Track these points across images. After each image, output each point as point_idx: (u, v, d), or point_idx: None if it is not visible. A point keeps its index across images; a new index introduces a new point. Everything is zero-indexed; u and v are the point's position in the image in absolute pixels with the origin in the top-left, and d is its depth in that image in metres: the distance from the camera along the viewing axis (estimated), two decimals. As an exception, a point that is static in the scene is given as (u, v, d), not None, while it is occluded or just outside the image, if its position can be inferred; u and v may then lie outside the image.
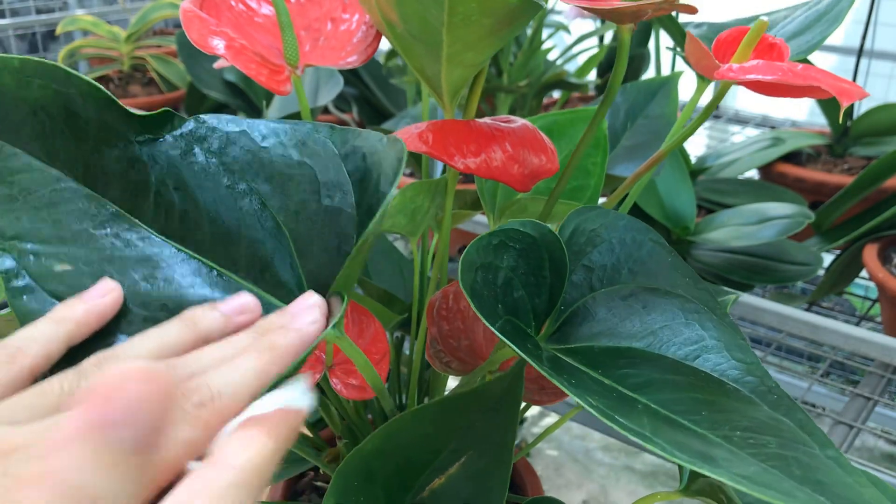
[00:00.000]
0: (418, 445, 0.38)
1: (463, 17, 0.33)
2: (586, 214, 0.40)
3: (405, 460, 0.38)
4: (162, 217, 0.36)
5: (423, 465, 0.39)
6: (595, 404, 0.28)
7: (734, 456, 0.28)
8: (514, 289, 0.35)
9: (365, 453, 0.37)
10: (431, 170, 0.99)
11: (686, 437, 0.28)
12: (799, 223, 0.92)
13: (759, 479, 0.26)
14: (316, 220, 0.36)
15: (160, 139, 0.36)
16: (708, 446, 0.28)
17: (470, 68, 0.37)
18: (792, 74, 0.34)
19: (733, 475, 0.26)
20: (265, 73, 0.42)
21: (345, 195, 0.35)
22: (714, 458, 0.27)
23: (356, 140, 0.36)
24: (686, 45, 0.37)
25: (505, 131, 0.39)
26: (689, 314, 0.36)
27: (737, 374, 0.34)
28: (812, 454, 0.29)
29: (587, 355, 0.35)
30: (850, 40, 1.46)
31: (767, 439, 0.29)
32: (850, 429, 0.77)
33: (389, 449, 0.38)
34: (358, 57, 0.43)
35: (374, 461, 0.37)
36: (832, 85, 0.34)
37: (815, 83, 0.33)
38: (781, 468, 0.28)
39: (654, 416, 0.30)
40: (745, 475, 0.26)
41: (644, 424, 0.28)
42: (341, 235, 0.35)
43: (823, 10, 0.47)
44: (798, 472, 0.28)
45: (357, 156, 0.36)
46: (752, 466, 0.27)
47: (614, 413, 0.28)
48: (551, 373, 0.29)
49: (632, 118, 0.77)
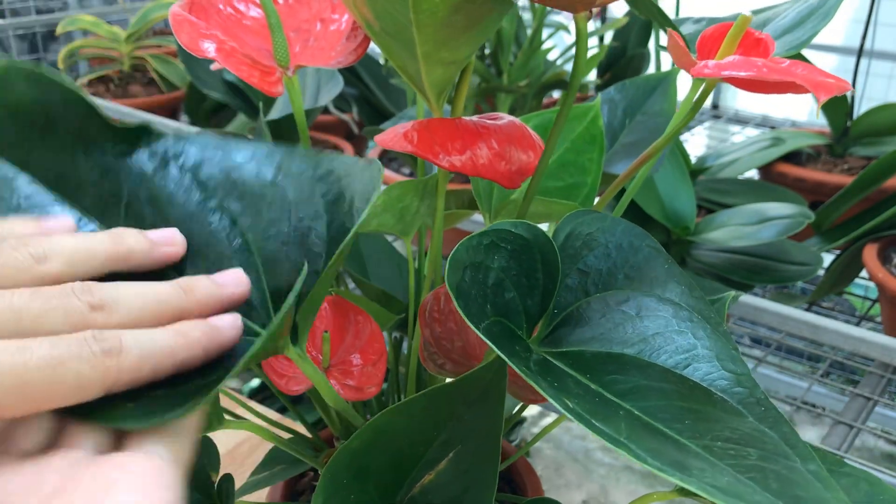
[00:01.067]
0: (408, 438, 0.38)
1: (429, 13, 0.32)
2: (582, 218, 0.40)
3: (396, 454, 0.38)
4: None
5: (414, 459, 0.39)
6: (572, 407, 0.28)
7: (710, 466, 0.28)
8: (505, 290, 0.35)
9: (354, 449, 0.37)
10: (429, 170, 0.98)
11: (663, 444, 0.28)
12: (799, 223, 0.92)
13: (732, 491, 0.26)
14: (286, 239, 0.36)
15: (136, 151, 0.36)
16: (684, 455, 0.28)
17: (450, 67, 0.37)
18: (767, 70, 0.34)
19: (704, 485, 0.26)
20: (257, 74, 0.42)
21: (316, 216, 0.36)
22: (688, 466, 0.27)
23: (331, 163, 0.36)
24: (668, 42, 0.37)
25: (491, 128, 0.39)
26: (683, 322, 0.36)
27: (725, 385, 0.33)
28: (793, 468, 0.29)
29: (578, 359, 0.35)
30: (850, 40, 1.46)
31: (749, 451, 0.29)
32: (850, 429, 0.77)
33: (380, 443, 0.38)
34: (347, 57, 0.43)
35: (364, 457, 0.37)
36: (809, 80, 0.33)
37: (791, 78, 0.33)
38: (758, 480, 0.27)
39: (634, 422, 0.29)
40: (716, 485, 0.26)
41: (621, 430, 0.28)
42: (311, 255, 0.35)
43: (815, 6, 0.47)
44: (775, 485, 0.27)
45: (331, 178, 0.36)
46: (726, 477, 0.27)
47: (591, 417, 0.28)
48: (533, 375, 0.29)
49: (630, 115, 0.77)
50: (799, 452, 0.30)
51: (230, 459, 0.74)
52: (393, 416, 0.37)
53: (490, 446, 0.37)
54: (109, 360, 0.28)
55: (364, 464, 0.37)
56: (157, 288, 0.32)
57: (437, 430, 0.38)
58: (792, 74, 0.33)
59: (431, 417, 0.38)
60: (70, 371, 0.27)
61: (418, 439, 0.38)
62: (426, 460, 0.38)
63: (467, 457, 0.38)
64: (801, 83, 0.33)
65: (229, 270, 0.34)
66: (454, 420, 0.38)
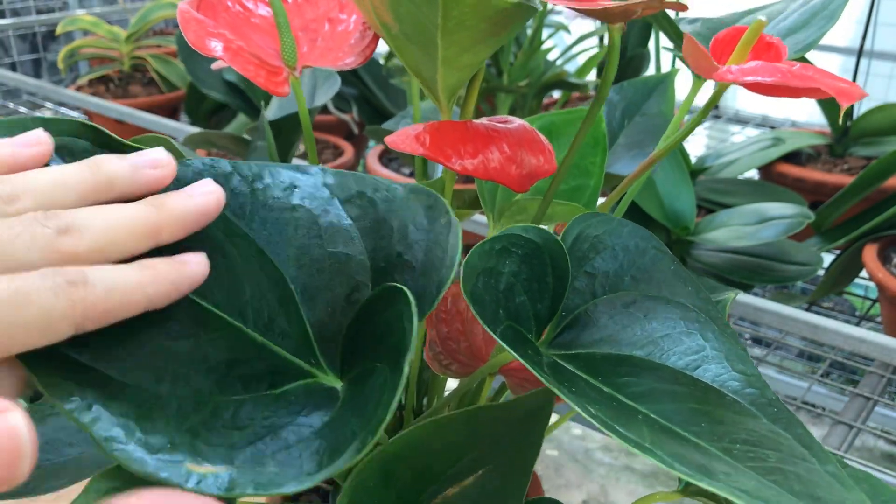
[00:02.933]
0: (440, 453, 0.37)
1: (457, 21, 0.32)
2: (590, 220, 0.40)
3: (424, 467, 0.38)
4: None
5: (440, 473, 0.38)
6: (596, 414, 0.28)
7: (734, 469, 0.28)
8: (516, 294, 0.35)
9: (385, 456, 0.37)
10: (432, 171, 0.98)
11: (686, 448, 0.28)
12: (799, 223, 0.92)
13: (759, 494, 0.26)
14: (322, 267, 0.34)
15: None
16: (708, 459, 0.28)
17: (466, 70, 0.37)
18: (791, 76, 0.34)
19: (733, 489, 0.26)
20: (263, 74, 0.42)
21: (351, 241, 0.34)
22: (713, 471, 0.27)
23: (359, 185, 0.35)
24: (684, 45, 0.37)
25: (502, 132, 0.39)
26: (691, 323, 0.36)
27: (737, 386, 0.33)
28: (812, 469, 0.29)
29: (588, 362, 0.35)
30: (850, 40, 1.46)
31: (767, 453, 0.29)
32: (850, 429, 0.77)
33: (410, 455, 0.37)
34: (356, 58, 0.43)
35: (393, 465, 0.37)
36: (831, 86, 0.34)
37: (814, 84, 0.33)
38: (781, 483, 0.27)
39: (653, 426, 0.29)
40: (744, 489, 0.26)
41: (644, 435, 0.28)
42: (352, 284, 0.34)
43: (819, 7, 0.47)
44: (797, 487, 0.27)
45: (362, 201, 0.35)
46: (751, 480, 0.27)
47: (615, 423, 0.28)
48: (551, 380, 0.29)
49: (628, 116, 0.77)
50: (815, 453, 0.30)
51: (233, 459, 0.74)
52: (430, 428, 0.37)
53: (521, 471, 0.37)
54: (75, 290, 0.26)
55: (392, 470, 0.37)
56: (128, 206, 0.30)
57: (472, 448, 0.38)
58: (814, 80, 0.33)
59: (470, 435, 0.37)
60: (34, 304, 0.25)
61: (450, 454, 0.38)
62: (453, 473, 0.38)
63: (496, 478, 0.37)
64: (825, 89, 0.33)
65: (198, 182, 0.32)
66: (491, 440, 0.38)
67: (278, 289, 0.34)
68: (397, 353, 0.28)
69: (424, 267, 0.33)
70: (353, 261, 0.34)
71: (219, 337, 0.32)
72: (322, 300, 0.34)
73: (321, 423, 0.29)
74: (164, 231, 0.30)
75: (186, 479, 0.26)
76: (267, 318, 0.33)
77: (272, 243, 0.34)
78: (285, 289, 0.34)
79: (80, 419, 0.26)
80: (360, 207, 0.35)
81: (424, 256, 0.33)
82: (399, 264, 0.34)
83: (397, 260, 0.34)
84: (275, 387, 0.32)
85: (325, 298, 0.34)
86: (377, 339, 0.31)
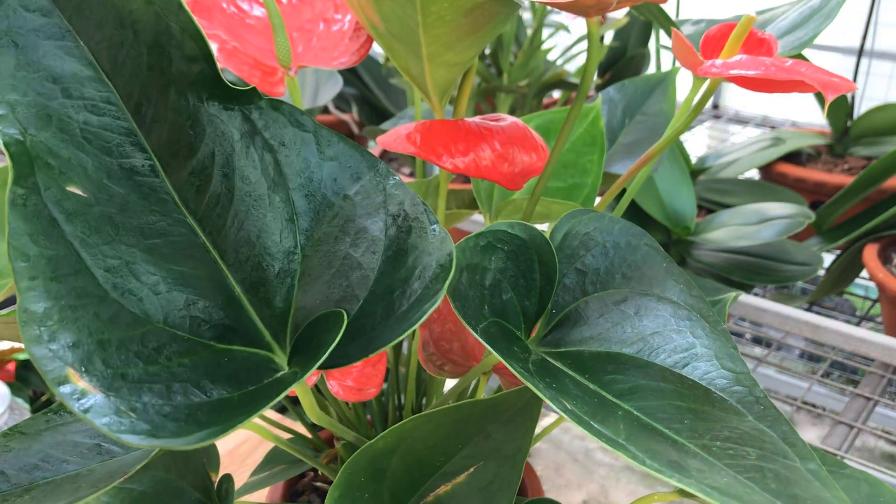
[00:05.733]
0: (430, 448, 0.38)
1: (437, 17, 0.32)
2: (580, 217, 0.40)
3: (415, 462, 0.38)
4: (192, 189, 0.33)
5: (432, 469, 0.38)
6: (570, 409, 0.28)
7: (709, 466, 0.28)
8: (502, 291, 0.35)
9: (376, 450, 0.37)
10: (429, 170, 0.98)
11: (662, 445, 0.28)
12: (799, 223, 0.92)
13: (731, 491, 0.26)
14: (333, 261, 0.34)
15: (232, 110, 0.34)
16: (683, 455, 0.28)
17: (454, 68, 0.37)
18: (776, 69, 0.34)
19: (703, 486, 0.26)
20: (258, 74, 0.42)
21: (372, 253, 0.34)
22: (686, 467, 0.27)
23: (411, 207, 0.34)
24: (672, 42, 0.37)
25: (494, 130, 0.39)
26: (681, 321, 0.36)
27: (725, 384, 0.33)
28: (792, 467, 0.29)
29: (576, 359, 0.35)
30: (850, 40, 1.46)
31: (748, 450, 0.29)
32: (850, 429, 0.77)
33: (401, 449, 0.37)
34: (350, 57, 0.43)
35: (383, 459, 0.37)
36: (817, 79, 0.33)
37: (798, 77, 0.33)
38: (757, 480, 0.27)
39: (632, 423, 0.29)
40: (715, 486, 0.26)
41: (620, 431, 0.28)
42: (346, 290, 0.33)
43: (817, 7, 0.47)
44: (774, 485, 0.27)
45: (403, 223, 0.34)
46: (725, 478, 0.27)
47: (590, 419, 0.28)
48: (530, 376, 0.29)
49: (629, 115, 0.77)
50: (798, 451, 0.30)
51: (230, 459, 0.74)
52: (419, 423, 0.37)
53: (513, 468, 0.37)
54: None
55: (382, 466, 0.37)
56: None
57: (462, 444, 0.38)
58: (799, 73, 0.33)
59: (459, 430, 0.37)
60: None
61: (441, 449, 0.38)
62: (445, 471, 0.38)
63: (488, 474, 0.37)
64: (809, 82, 0.33)
65: None
66: (482, 436, 0.38)
67: (285, 261, 0.34)
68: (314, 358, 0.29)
69: (396, 310, 0.32)
70: (360, 271, 0.34)
71: (200, 267, 0.32)
72: (315, 292, 0.34)
73: (218, 397, 0.29)
74: None
75: (59, 382, 0.26)
76: (258, 280, 0.33)
77: (303, 215, 0.34)
78: (291, 263, 0.34)
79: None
80: (397, 229, 0.34)
81: (406, 302, 0.32)
82: (388, 300, 0.33)
83: (387, 295, 0.33)
84: (221, 341, 0.31)
85: (318, 292, 0.34)
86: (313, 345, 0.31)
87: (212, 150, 0.33)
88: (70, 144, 0.30)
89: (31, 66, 0.30)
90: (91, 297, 0.28)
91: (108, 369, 0.27)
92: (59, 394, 0.26)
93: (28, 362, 1.21)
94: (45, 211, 0.29)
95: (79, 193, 0.30)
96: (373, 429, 0.56)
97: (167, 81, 0.33)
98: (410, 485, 0.38)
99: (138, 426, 0.26)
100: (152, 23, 0.32)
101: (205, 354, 0.30)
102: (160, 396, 0.28)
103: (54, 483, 0.36)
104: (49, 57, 0.31)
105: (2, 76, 0.30)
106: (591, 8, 0.35)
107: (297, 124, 0.35)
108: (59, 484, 0.36)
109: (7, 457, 0.37)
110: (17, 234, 0.28)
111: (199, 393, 0.28)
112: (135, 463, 0.34)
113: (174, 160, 0.33)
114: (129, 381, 0.27)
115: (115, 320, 0.29)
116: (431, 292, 0.31)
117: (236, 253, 0.33)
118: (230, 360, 0.31)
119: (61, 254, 0.28)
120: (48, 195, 0.29)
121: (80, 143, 0.31)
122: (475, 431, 0.37)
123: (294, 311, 0.33)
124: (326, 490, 0.56)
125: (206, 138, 0.33)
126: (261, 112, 0.34)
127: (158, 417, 0.27)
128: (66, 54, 0.31)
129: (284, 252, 0.34)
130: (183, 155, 0.33)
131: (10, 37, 0.30)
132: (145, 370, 0.28)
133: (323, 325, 0.31)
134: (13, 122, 0.29)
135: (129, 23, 0.32)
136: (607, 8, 0.35)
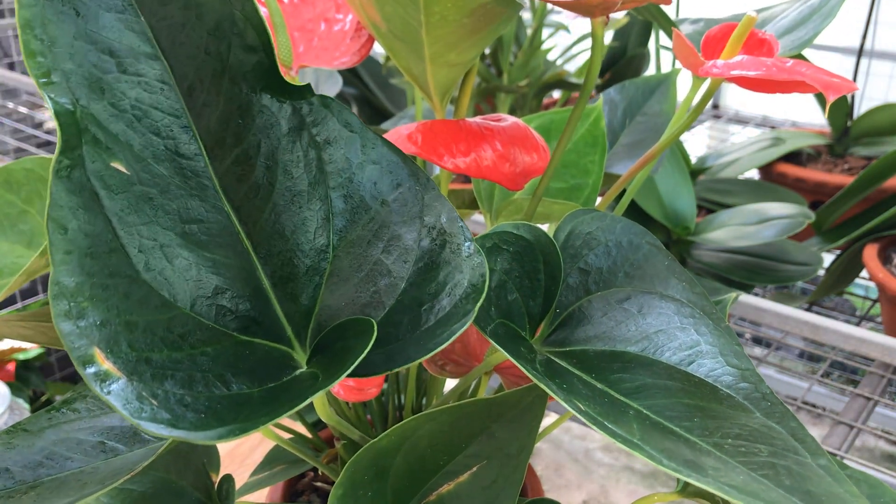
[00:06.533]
0: (433, 447, 0.37)
1: (440, 17, 0.32)
2: (582, 217, 0.40)
3: (418, 461, 0.38)
4: (233, 178, 0.33)
5: (435, 468, 0.38)
6: (585, 409, 0.28)
7: (723, 464, 0.28)
8: (507, 292, 0.35)
9: (379, 449, 0.37)
10: (430, 170, 0.98)
11: (676, 444, 0.28)
12: (799, 223, 0.92)
13: (748, 489, 0.26)
14: (363, 265, 0.33)
15: (283, 104, 0.34)
16: (697, 454, 0.28)
17: (455, 68, 0.37)
18: (777, 69, 0.34)
19: (721, 484, 0.26)
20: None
21: (403, 262, 0.33)
22: (702, 466, 0.27)
23: (448, 222, 0.34)
24: (673, 42, 0.37)
25: (495, 130, 0.39)
26: (685, 319, 0.36)
27: (731, 380, 0.33)
28: (803, 463, 0.29)
29: (582, 358, 0.35)
30: (850, 40, 1.46)
31: (759, 447, 0.29)
32: (850, 429, 0.77)
33: (404, 448, 0.37)
34: (352, 57, 0.43)
35: (387, 458, 0.37)
36: (818, 80, 0.33)
37: (799, 77, 0.33)
38: (771, 477, 0.27)
39: (644, 422, 0.29)
40: (732, 484, 0.26)
41: (633, 431, 0.28)
42: (373, 296, 0.33)
43: (817, 6, 0.47)
44: (788, 481, 0.27)
45: (438, 237, 0.33)
46: (741, 475, 0.27)
47: (604, 419, 0.28)
48: (541, 377, 0.29)
49: (630, 116, 0.77)
50: (808, 447, 0.30)
51: (230, 459, 0.74)
52: (423, 422, 0.37)
53: (516, 467, 0.37)
54: None
55: (386, 464, 0.37)
56: None
57: (466, 443, 0.38)
58: (800, 74, 0.33)
59: (462, 429, 0.37)
60: None
61: (444, 448, 0.38)
62: (448, 470, 0.38)
63: (491, 474, 0.37)
64: (810, 83, 0.33)
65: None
66: (485, 435, 0.38)
67: (316, 259, 0.33)
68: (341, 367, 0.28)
69: (422, 325, 0.32)
70: (389, 278, 0.33)
71: (232, 256, 0.31)
72: (342, 293, 0.33)
73: (237, 391, 0.28)
74: None
75: (84, 362, 0.25)
76: (288, 275, 0.33)
77: (339, 215, 0.34)
78: (321, 262, 0.33)
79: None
80: (431, 241, 0.34)
81: (433, 320, 0.32)
82: (415, 312, 0.32)
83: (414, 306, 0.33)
84: (245, 333, 0.31)
85: (345, 293, 0.33)
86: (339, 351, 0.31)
87: (258, 141, 0.33)
88: (120, 120, 0.30)
89: (90, 36, 0.30)
90: (122, 276, 0.28)
91: (132, 352, 0.27)
92: (84, 375, 0.25)
93: (28, 362, 1.21)
94: (87, 184, 0.29)
95: (122, 171, 0.30)
96: (373, 429, 0.56)
97: (223, 68, 0.32)
98: (413, 483, 0.38)
99: (159, 414, 0.26)
100: (217, 8, 0.32)
101: (227, 345, 0.30)
102: (182, 385, 0.27)
103: (59, 480, 0.36)
104: (108, 29, 0.30)
105: (60, 44, 0.29)
106: (596, 8, 0.35)
107: (345, 123, 0.34)
108: (65, 481, 0.35)
109: (11, 454, 0.37)
110: (58, 206, 0.28)
111: (219, 385, 0.28)
112: (139, 461, 0.34)
113: (219, 147, 0.32)
114: (153, 366, 0.27)
115: (143, 302, 0.28)
116: (462, 312, 0.30)
117: (269, 246, 0.33)
118: (251, 353, 0.31)
119: (98, 230, 0.28)
120: (92, 169, 0.29)
121: (130, 119, 0.30)
122: (479, 430, 0.37)
123: (319, 309, 0.33)
124: (326, 490, 0.56)
125: (254, 128, 0.33)
126: (311, 108, 0.34)
127: (179, 407, 0.26)
128: (125, 28, 0.31)
129: (317, 250, 0.34)
130: (229, 143, 0.33)
131: (73, 4, 0.30)
132: (169, 356, 0.28)
133: (350, 331, 0.31)
134: (66, 91, 0.29)
135: (195, 4, 0.31)
136: (612, 8, 0.35)
